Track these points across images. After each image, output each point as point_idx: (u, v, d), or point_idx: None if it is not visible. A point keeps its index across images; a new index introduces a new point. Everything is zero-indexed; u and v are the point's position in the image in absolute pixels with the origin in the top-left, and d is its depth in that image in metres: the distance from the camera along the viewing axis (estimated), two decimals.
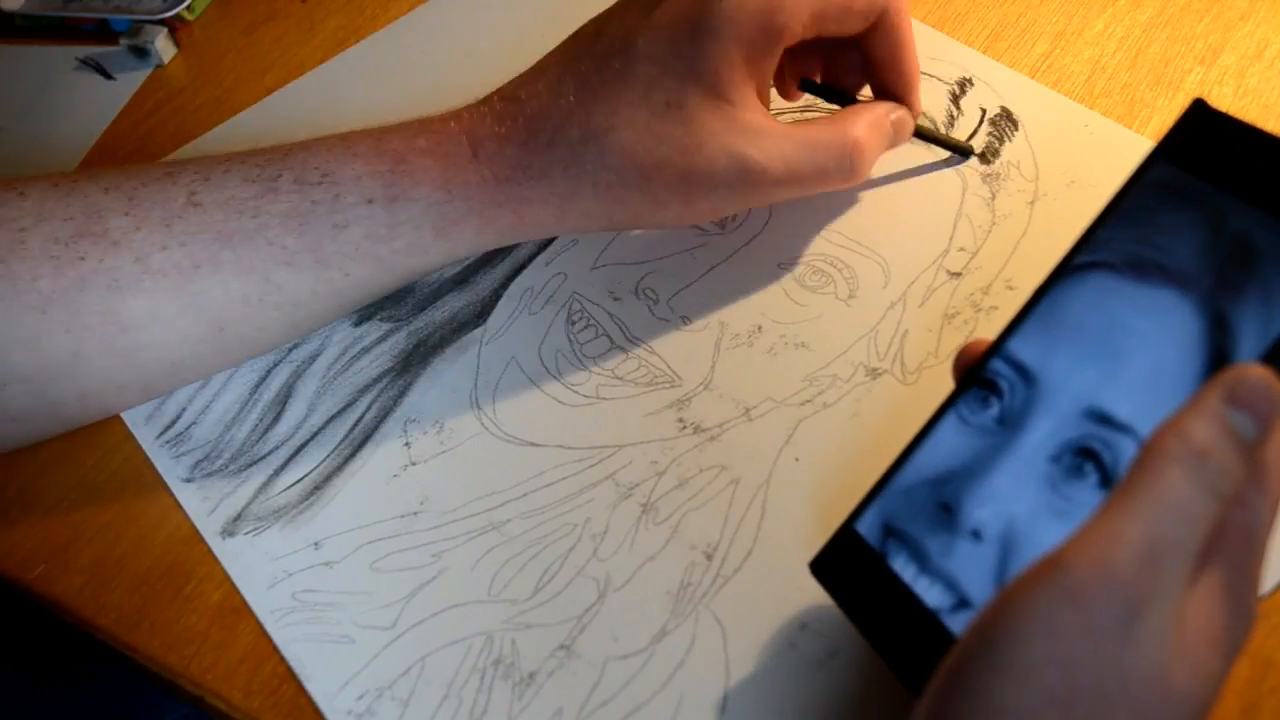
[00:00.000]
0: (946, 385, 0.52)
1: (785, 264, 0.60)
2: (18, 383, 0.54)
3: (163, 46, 0.80)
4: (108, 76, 0.80)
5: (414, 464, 0.57)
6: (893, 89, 0.59)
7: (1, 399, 0.55)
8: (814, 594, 0.47)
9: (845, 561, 0.45)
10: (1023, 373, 0.43)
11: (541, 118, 0.55)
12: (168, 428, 0.60)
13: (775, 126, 0.55)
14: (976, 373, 0.44)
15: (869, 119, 0.57)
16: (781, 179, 0.54)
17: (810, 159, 0.55)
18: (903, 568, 0.42)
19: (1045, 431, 0.41)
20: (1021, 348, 0.43)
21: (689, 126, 0.53)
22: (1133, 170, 0.44)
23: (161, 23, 0.81)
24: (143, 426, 0.60)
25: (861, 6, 0.55)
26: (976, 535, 0.41)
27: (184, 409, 0.60)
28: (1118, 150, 0.62)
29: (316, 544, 0.55)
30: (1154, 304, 0.41)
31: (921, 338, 0.56)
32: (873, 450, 0.53)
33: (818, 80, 0.62)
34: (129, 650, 0.54)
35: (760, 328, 0.58)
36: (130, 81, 0.80)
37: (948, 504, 0.42)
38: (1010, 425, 0.42)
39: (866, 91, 0.61)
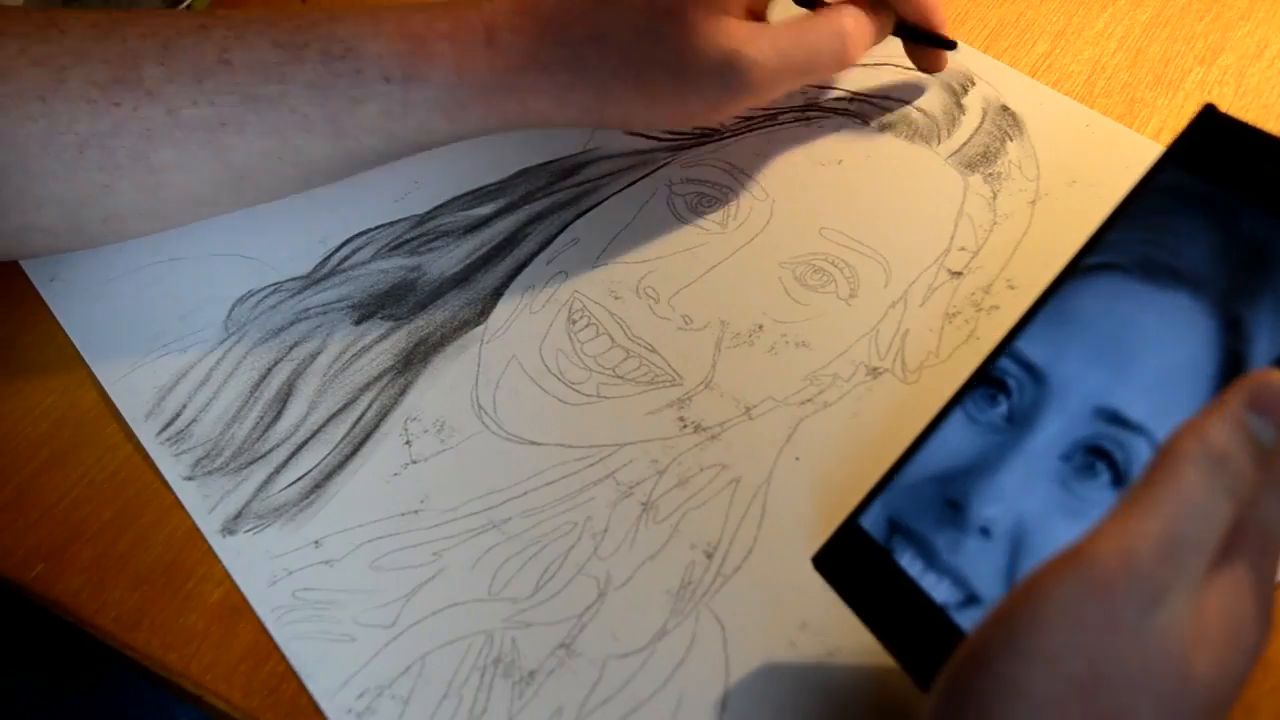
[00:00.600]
0: (947, 385, 0.52)
1: (786, 263, 0.60)
2: (53, 204, 0.59)
3: None
4: None
5: (414, 462, 0.56)
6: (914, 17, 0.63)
7: (37, 215, 0.59)
8: (814, 593, 0.47)
9: (850, 557, 0.45)
10: (1032, 371, 0.43)
11: (552, 16, 0.58)
12: (168, 424, 0.60)
13: (766, 26, 0.58)
14: (984, 371, 0.44)
15: (854, 10, 0.60)
16: (776, 69, 0.57)
17: (802, 46, 0.58)
18: (910, 563, 0.42)
19: (1056, 430, 0.42)
20: (1030, 347, 0.44)
21: (684, 29, 0.56)
22: (1141, 175, 0.44)
23: None
24: (143, 423, 0.60)
25: None
26: (985, 532, 0.41)
27: (184, 406, 0.60)
28: (1119, 150, 0.62)
29: (317, 542, 0.55)
30: (1166, 306, 0.41)
31: (923, 337, 0.56)
32: (873, 450, 0.53)
33: None
34: (129, 650, 0.53)
35: (761, 327, 0.58)
36: None
37: (955, 501, 0.42)
38: (1019, 423, 0.42)
39: None
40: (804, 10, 0.63)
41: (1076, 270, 0.44)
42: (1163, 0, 0.70)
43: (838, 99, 0.67)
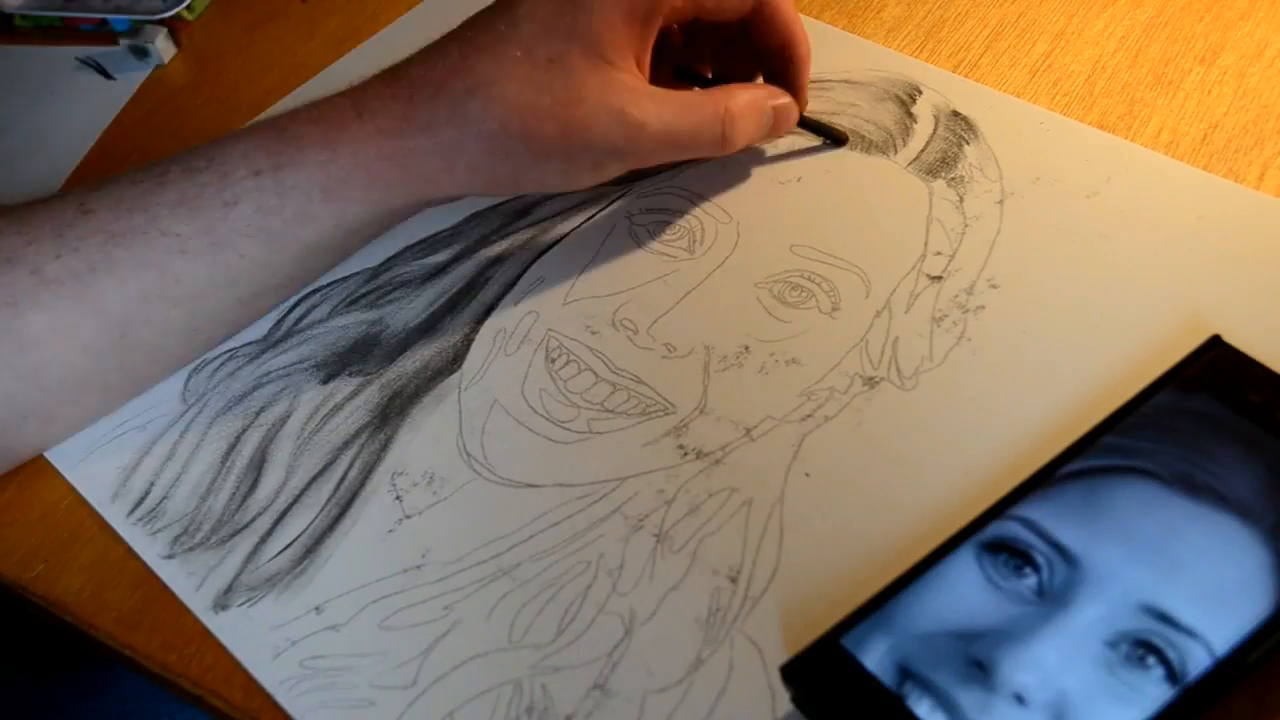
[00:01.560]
0: (946, 388, 0.53)
1: (762, 282, 0.60)
2: None
3: (163, 46, 0.80)
4: (108, 76, 0.80)
5: (409, 517, 0.54)
6: (781, 78, 0.61)
7: None
8: (848, 607, 0.46)
9: (830, 678, 0.44)
10: (1062, 552, 0.45)
11: (426, 75, 0.56)
12: (138, 504, 0.57)
13: (653, 89, 0.57)
14: (991, 535, 0.46)
15: (748, 96, 0.59)
16: (658, 137, 0.56)
17: (686, 121, 0.57)
18: (929, 714, 0.42)
19: (1097, 615, 0.43)
20: (1058, 528, 0.45)
21: (570, 80, 0.55)
22: (1147, 386, 0.49)
23: (161, 23, 0.80)
24: (110, 506, 0.57)
25: None
26: (1020, 700, 0.42)
27: (152, 483, 0.58)
28: (1077, 146, 0.63)
29: (318, 608, 0.52)
30: (1214, 526, 0.44)
31: (913, 343, 0.56)
32: (882, 458, 0.53)
33: (709, 76, 0.64)
34: (129, 650, 0.53)
35: (747, 348, 0.57)
36: (130, 81, 0.80)
37: (981, 662, 0.43)
38: (1054, 600, 0.44)
39: None
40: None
41: (1097, 468, 0.47)
42: (1163, 0, 0.70)
43: None
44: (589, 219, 0.65)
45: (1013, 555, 0.45)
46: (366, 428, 0.58)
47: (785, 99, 0.61)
